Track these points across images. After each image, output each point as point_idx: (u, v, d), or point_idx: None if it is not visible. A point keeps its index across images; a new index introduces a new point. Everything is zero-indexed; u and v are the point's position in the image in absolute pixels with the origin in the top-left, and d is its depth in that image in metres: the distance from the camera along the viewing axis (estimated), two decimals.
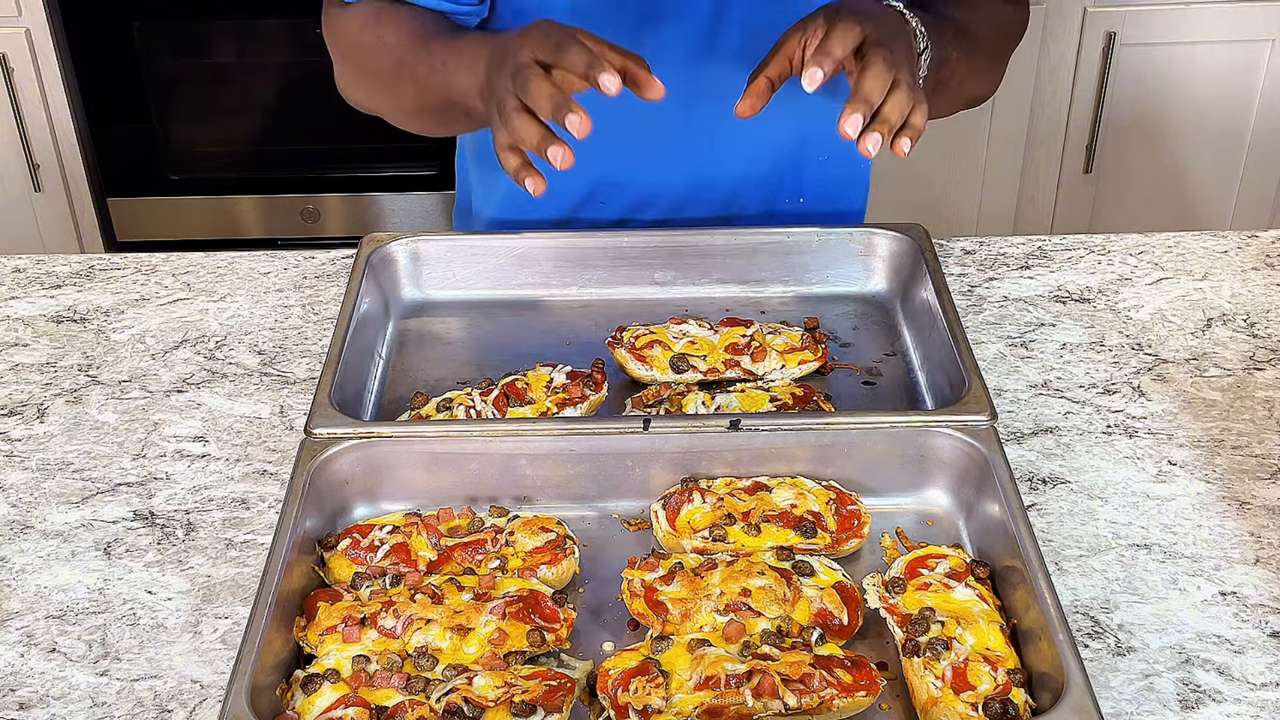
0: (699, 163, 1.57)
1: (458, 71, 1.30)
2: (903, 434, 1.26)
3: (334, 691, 1.05)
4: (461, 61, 1.29)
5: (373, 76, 1.45)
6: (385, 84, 1.44)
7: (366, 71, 1.46)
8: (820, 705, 1.03)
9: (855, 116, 1.12)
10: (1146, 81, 2.94)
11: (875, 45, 1.16)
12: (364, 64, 1.45)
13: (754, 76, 1.22)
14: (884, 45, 1.16)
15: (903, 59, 1.17)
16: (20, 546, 1.25)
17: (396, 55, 1.39)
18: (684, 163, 1.57)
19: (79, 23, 2.89)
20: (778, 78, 1.21)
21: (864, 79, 1.13)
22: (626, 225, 1.62)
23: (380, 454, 1.25)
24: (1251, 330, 1.51)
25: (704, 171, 1.58)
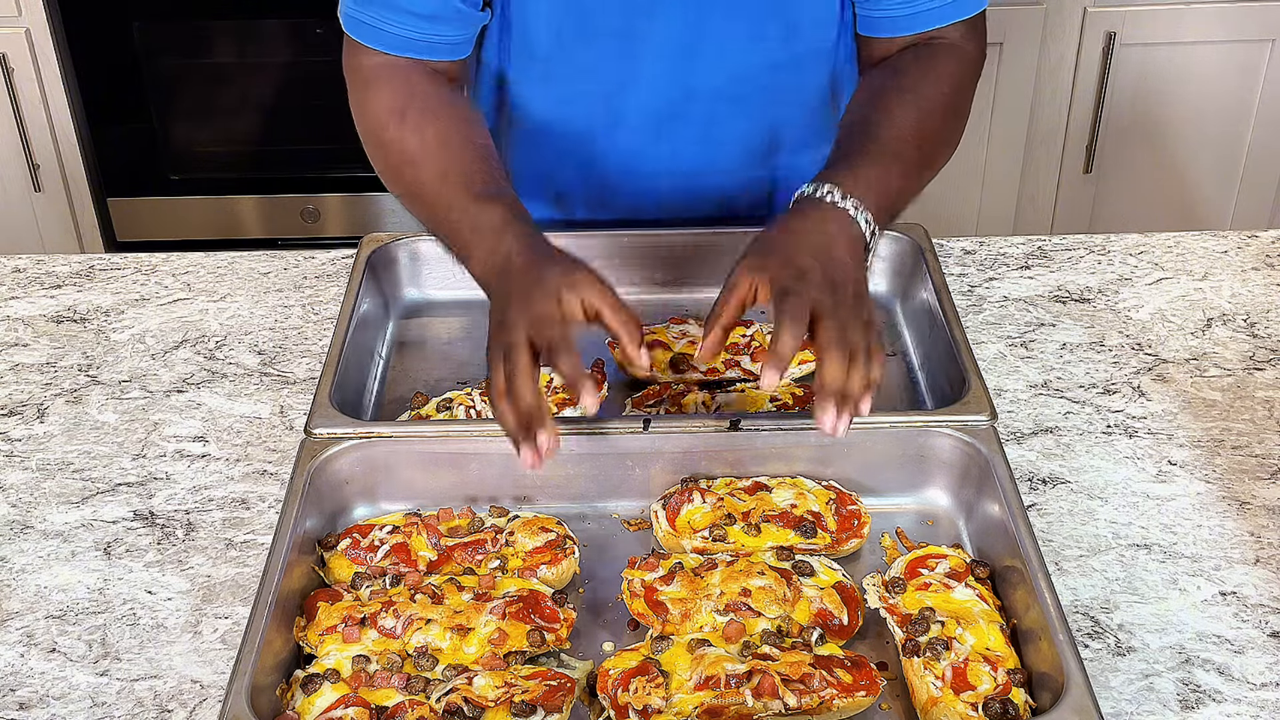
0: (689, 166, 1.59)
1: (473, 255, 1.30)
2: (903, 434, 1.26)
3: (334, 691, 1.05)
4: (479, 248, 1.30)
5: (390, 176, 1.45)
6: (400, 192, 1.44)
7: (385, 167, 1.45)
8: (820, 705, 1.03)
9: (829, 415, 1.16)
10: (1146, 81, 2.94)
11: (825, 322, 1.18)
12: (382, 157, 1.45)
13: (709, 324, 1.24)
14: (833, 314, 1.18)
15: (852, 309, 1.19)
16: (20, 546, 1.25)
17: (417, 177, 1.39)
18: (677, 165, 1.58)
19: (79, 23, 2.88)
20: (731, 324, 1.24)
21: (825, 373, 1.16)
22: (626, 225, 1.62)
23: (380, 454, 1.25)
24: (1251, 330, 1.51)
25: (694, 174, 1.59)
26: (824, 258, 1.22)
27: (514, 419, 1.16)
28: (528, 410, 1.15)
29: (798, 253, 1.22)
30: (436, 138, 1.39)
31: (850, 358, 1.17)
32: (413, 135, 1.40)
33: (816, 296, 1.18)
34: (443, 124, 1.41)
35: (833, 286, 1.20)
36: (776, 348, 1.16)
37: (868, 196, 1.28)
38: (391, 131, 1.42)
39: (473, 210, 1.31)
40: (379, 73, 1.45)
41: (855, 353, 1.17)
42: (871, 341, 1.19)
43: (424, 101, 1.42)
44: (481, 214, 1.31)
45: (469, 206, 1.32)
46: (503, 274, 1.25)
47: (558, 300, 1.20)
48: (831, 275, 1.21)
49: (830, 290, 1.19)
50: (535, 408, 1.15)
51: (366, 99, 1.45)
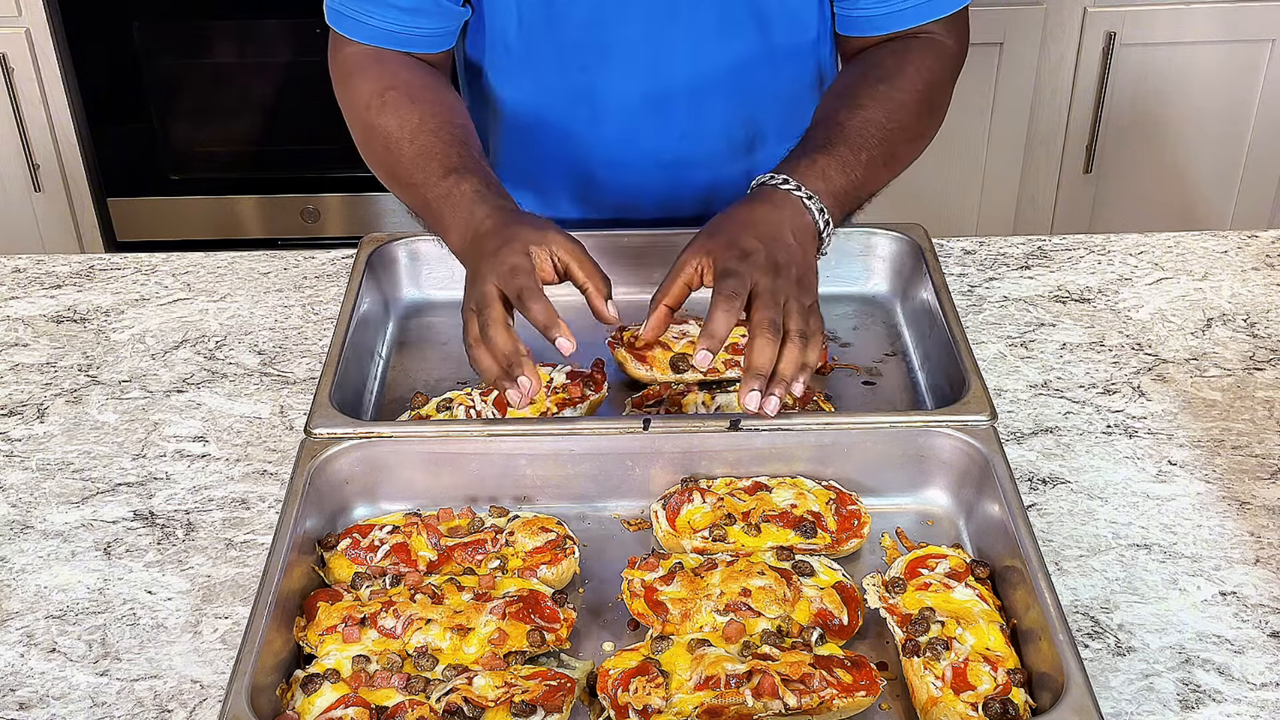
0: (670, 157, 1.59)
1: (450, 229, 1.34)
2: (903, 434, 1.26)
3: (334, 691, 1.05)
4: (454, 220, 1.33)
5: (373, 163, 1.49)
6: (383, 178, 1.48)
7: (369, 153, 1.49)
8: (820, 705, 1.03)
9: (753, 394, 1.18)
10: (1146, 81, 2.94)
11: (762, 302, 1.20)
12: (367, 145, 1.48)
13: (654, 302, 1.28)
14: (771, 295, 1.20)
15: (793, 294, 1.21)
16: (20, 546, 1.25)
17: (396, 160, 1.42)
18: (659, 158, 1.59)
19: (79, 23, 2.88)
20: (676, 304, 1.28)
21: (752, 353, 1.18)
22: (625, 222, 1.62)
23: (380, 454, 1.25)
24: (1251, 330, 1.51)
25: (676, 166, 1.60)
26: (770, 241, 1.24)
27: (494, 363, 1.20)
28: (506, 354, 1.20)
29: (743, 235, 1.25)
30: (415, 121, 1.42)
31: (785, 339, 1.19)
32: (392, 119, 1.43)
33: (757, 278, 1.21)
34: (421, 108, 1.43)
35: (775, 268, 1.22)
36: (710, 327, 1.19)
37: (822, 188, 1.31)
38: (373, 116, 1.44)
39: (447, 185, 1.35)
40: (360, 61, 1.48)
41: (789, 335, 1.19)
42: (809, 326, 1.21)
43: (404, 88, 1.45)
44: (455, 188, 1.34)
45: (443, 182, 1.35)
46: (475, 239, 1.29)
47: (526, 254, 1.24)
48: (775, 258, 1.23)
49: (772, 272, 1.21)
50: (513, 351, 1.20)
51: (349, 88, 1.49)
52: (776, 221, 1.27)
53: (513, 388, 1.19)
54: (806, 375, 1.21)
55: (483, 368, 1.21)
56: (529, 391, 1.19)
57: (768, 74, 1.55)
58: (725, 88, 1.54)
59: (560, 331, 1.20)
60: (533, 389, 1.19)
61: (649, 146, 1.58)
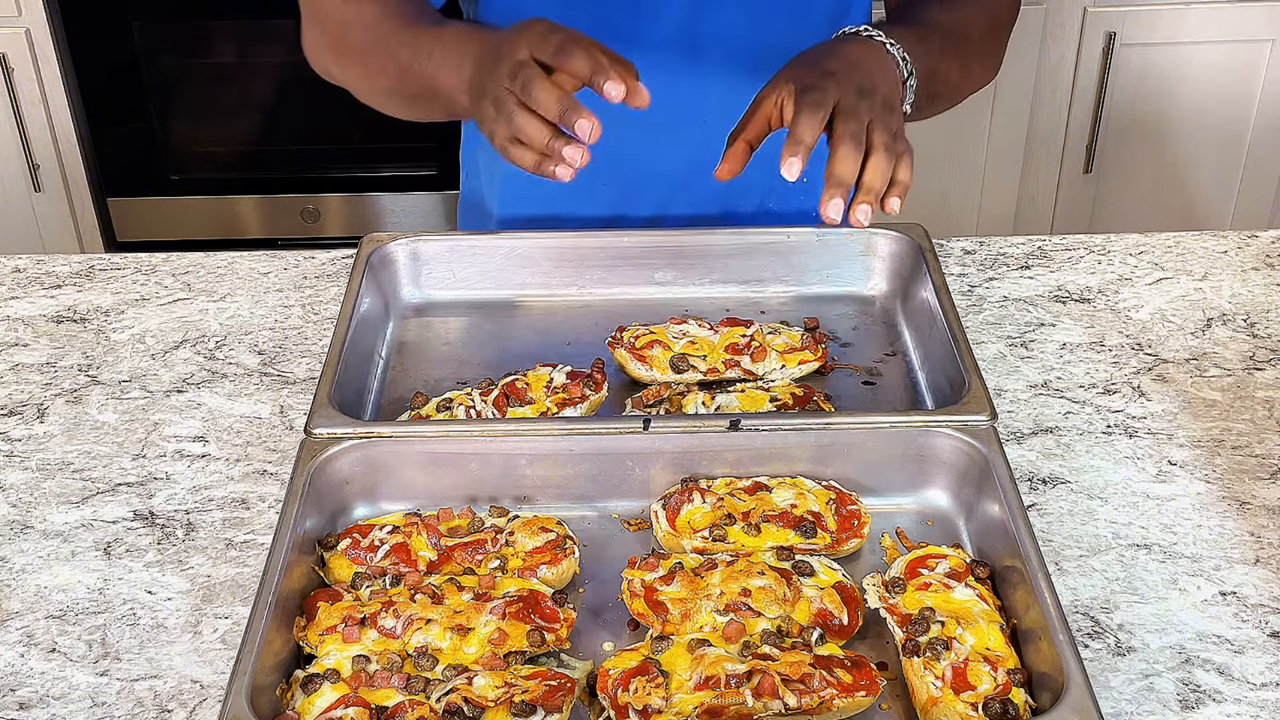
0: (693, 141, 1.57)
1: (443, 66, 1.28)
2: (903, 434, 1.26)
3: (334, 691, 1.05)
4: (448, 56, 1.28)
5: (349, 51, 1.43)
6: (361, 60, 1.42)
7: (343, 45, 1.43)
8: (820, 705, 1.03)
9: (835, 202, 1.11)
10: (1146, 81, 2.94)
11: (845, 115, 1.13)
12: (342, 37, 1.42)
13: (732, 138, 1.21)
14: (854, 111, 1.14)
15: (879, 114, 1.15)
16: (20, 546, 1.25)
17: (377, 34, 1.37)
18: (679, 140, 1.56)
19: (79, 23, 2.89)
20: (756, 139, 1.20)
21: (835, 161, 1.11)
22: (625, 221, 1.62)
23: (380, 454, 1.25)
24: (1251, 330, 1.52)
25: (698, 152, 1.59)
26: (854, 68, 1.19)
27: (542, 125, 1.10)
28: (557, 105, 1.09)
29: (828, 61, 1.19)
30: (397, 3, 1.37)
31: (869, 152, 1.11)
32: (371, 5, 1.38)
33: (840, 93, 1.14)
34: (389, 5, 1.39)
35: (859, 89, 1.16)
36: (795, 131, 1.11)
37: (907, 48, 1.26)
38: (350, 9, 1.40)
39: (437, 30, 1.30)
40: None
41: (874, 146, 1.12)
42: (897, 143, 1.14)
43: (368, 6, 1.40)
44: (447, 29, 1.30)
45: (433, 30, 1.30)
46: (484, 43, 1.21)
47: (548, 23, 1.16)
48: (859, 82, 1.17)
49: (855, 91, 1.15)
50: (562, 98, 1.09)
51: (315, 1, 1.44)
52: (863, 56, 1.22)
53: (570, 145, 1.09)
54: (901, 192, 1.13)
55: (529, 134, 1.10)
56: (589, 132, 1.08)
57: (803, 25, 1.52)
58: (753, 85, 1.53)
59: (609, 76, 1.09)
60: (596, 132, 1.09)
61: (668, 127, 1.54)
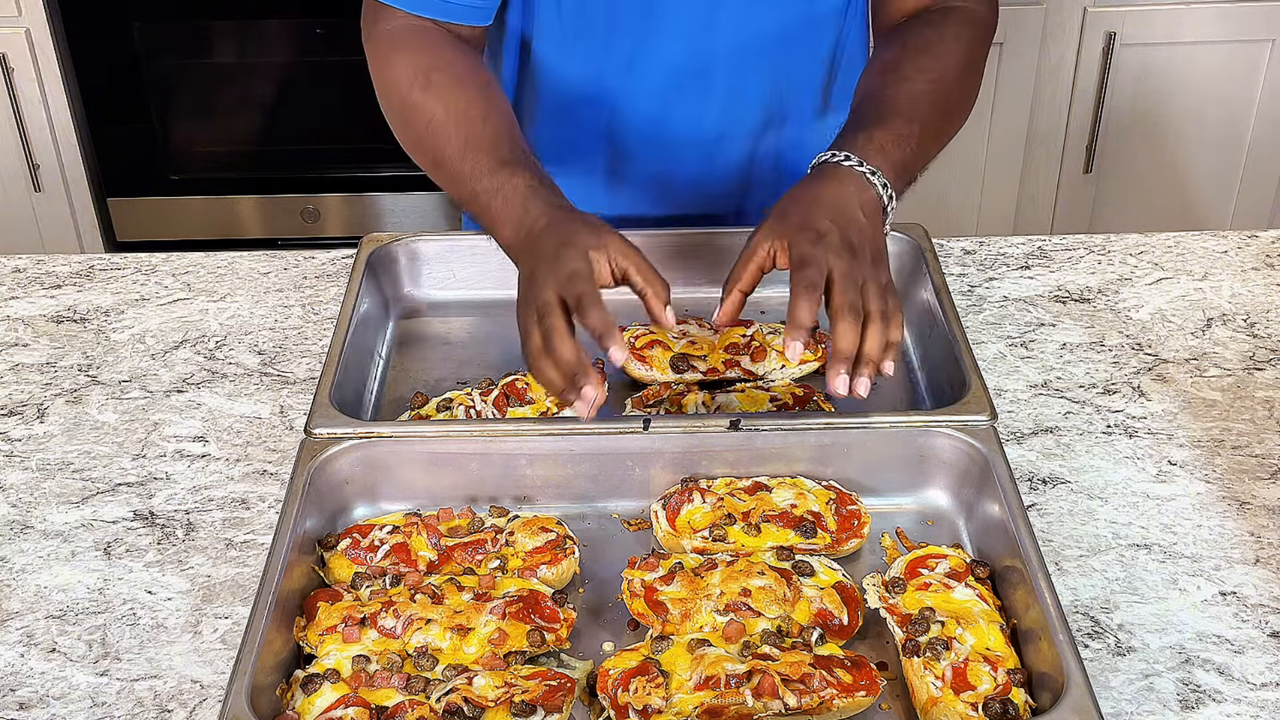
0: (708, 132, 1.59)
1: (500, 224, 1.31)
2: (903, 434, 1.26)
3: (334, 691, 1.05)
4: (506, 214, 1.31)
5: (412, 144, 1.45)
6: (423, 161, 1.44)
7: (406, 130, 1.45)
8: (820, 705, 1.03)
9: (841, 378, 1.18)
10: (1146, 81, 2.94)
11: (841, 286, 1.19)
12: (405, 123, 1.44)
13: (727, 288, 1.26)
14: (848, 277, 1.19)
15: (869, 272, 1.21)
16: (20, 546, 1.25)
17: (440, 145, 1.39)
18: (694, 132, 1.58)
19: (79, 23, 2.88)
20: (749, 288, 1.26)
21: (837, 338, 1.18)
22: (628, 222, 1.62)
23: (380, 454, 1.25)
24: (1251, 330, 1.51)
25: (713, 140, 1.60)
26: (842, 220, 1.23)
27: (558, 375, 1.18)
28: (570, 365, 1.17)
29: (815, 216, 1.23)
30: (461, 106, 1.39)
31: (866, 321, 1.18)
32: (436, 103, 1.39)
33: (833, 262, 1.20)
34: (467, 92, 1.40)
35: (851, 250, 1.21)
36: (794, 316, 1.17)
37: (883, 162, 1.30)
38: (416, 97, 1.41)
39: (499, 178, 1.32)
40: (401, 36, 1.44)
41: (871, 316, 1.19)
42: (889, 304, 1.20)
43: (448, 68, 1.42)
44: (507, 182, 1.31)
45: (495, 175, 1.32)
46: (530, 238, 1.26)
47: (585, 259, 1.22)
48: (849, 238, 1.22)
49: (848, 254, 1.21)
50: (577, 362, 1.17)
51: (389, 63, 1.44)
52: (845, 199, 1.26)
53: (578, 399, 1.17)
54: (894, 353, 1.20)
55: (546, 379, 1.19)
56: (594, 403, 1.17)
57: (804, 40, 1.54)
58: (764, 57, 1.53)
59: (614, 341, 1.18)
60: (598, 400, 1.18)
61: (686, 116, 1.56)
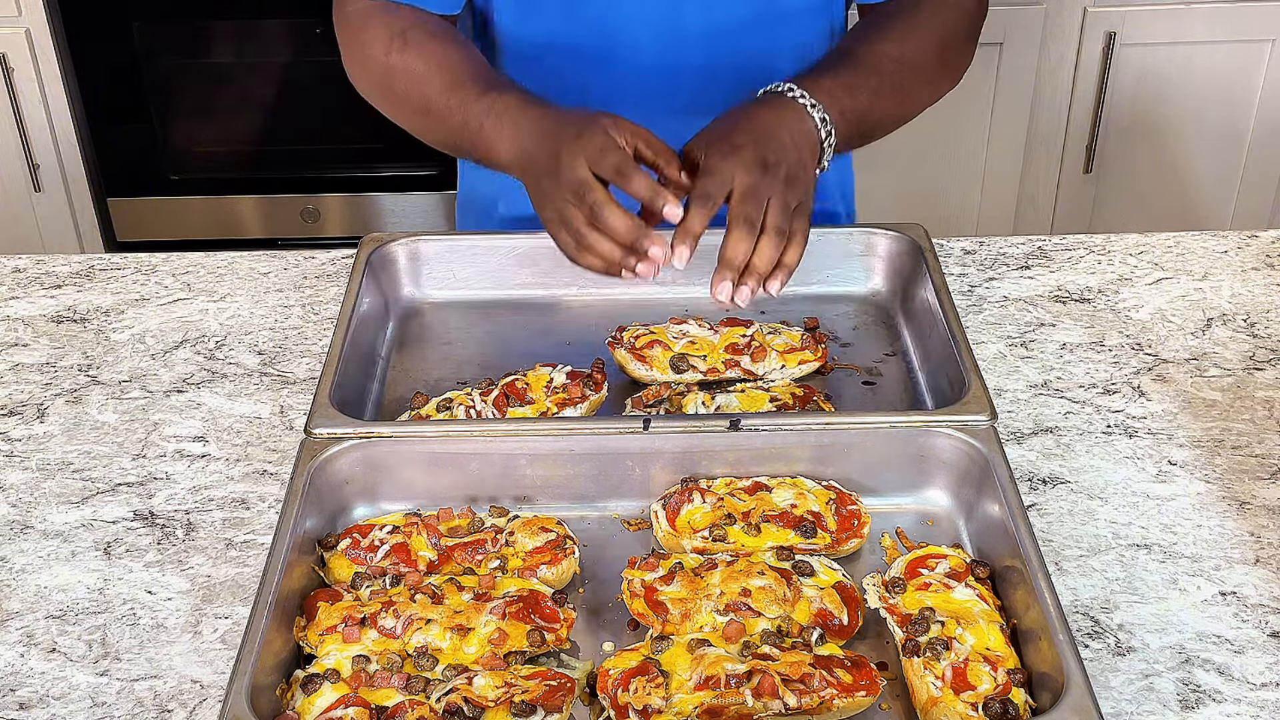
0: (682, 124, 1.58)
1: (496, 139, 1.32)
2: (903, 434, 1.26)
3: (334, 691, 1.05)
4: (501, 130, 1.31)
5: (394, 100, 1.46)
6: (410, 115, 1.45)
7: (389, 93, 1.46)
8: (820, 705, 1.03)
9: (724, 285, 1.20)
10: (1146, 81, 2.94)
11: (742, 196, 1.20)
12: (387, 85, 1.45)
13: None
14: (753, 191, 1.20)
15: (778, 190, 1.21)
16: (20, 546, 1.25)
17: (425, 92, 1.39)
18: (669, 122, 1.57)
19: (79, 23, 2.89)
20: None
21: (726, 244, 1.19)
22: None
23: (380, 454, 1.25)
24: (1251, 330, 1.52)
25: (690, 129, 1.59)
26: (763, 139, 1.24)
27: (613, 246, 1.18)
28: (627, 230, 1.17)
29: (736, 132, 1.25)
30: (439, 55, 1.40)
31: (760, 235, 1.19)
32: (416, 58, 1.41)
33: (740, 175, 1.20)
34: (443, 44, 1.42)
35: (762, 166, 1.22)
36: (686, 221, 1.19)
37: (829, 102, 1.31)
38: (394, 58, 1.42)
39: (488, 100, 1.33)
40: (371, 12, 1.46)
41: (766, 230, 1.19)
42: (794, 225, 1.21)
43: (422, 27, 1.43)
44: (497, 101, 1.32)
45: (483, 98, 1.33)
46: (539, 137, 1.26)
47: (607, 133, 1.22)
48: (763, 155, 1.23)
49: (758, 169, 1.21)
50: (634, 225, 1.17)
51: (361, 36, 1.46)
52: (774, 123, 1.27)
53: (643, 262, 1.16)
54: (784, 275, 1.21)
55: (602, 252, 1.18)
56: (661, 259, 1.16)
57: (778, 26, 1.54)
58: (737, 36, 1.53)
59: (667, 198, 1.17)
60: (666, 254, 1.17)
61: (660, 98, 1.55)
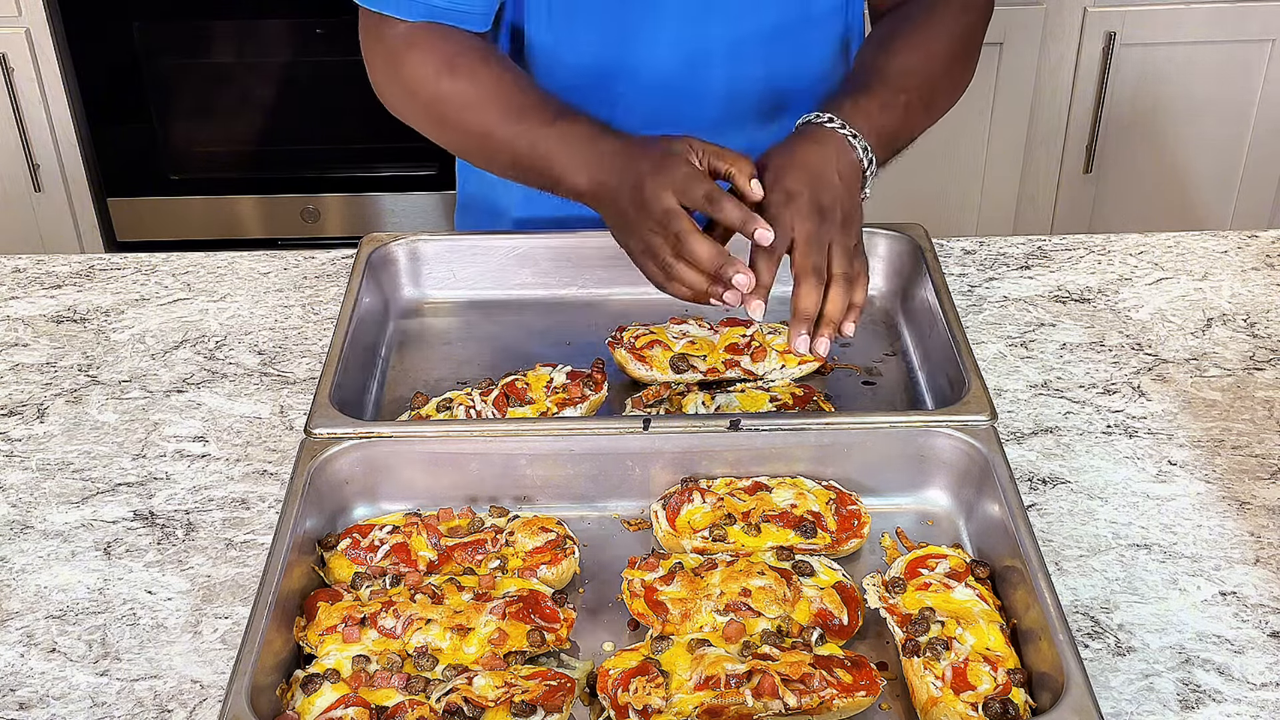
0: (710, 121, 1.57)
1: (568, 168, 1.32)
2: (903, 434, 1.26)
3: (334, 691, 1.05)
4: (573, 158, 1.32)
5: (450, 129, 1.44)
6: (459, 138, 1.44)
7: (443, 122, 1.44)
8: (820, 705, 1.03)
9: (802, 338, 1.24)
10: (1146, 81, 2.94)
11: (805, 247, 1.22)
12: (440, 114, 1.44)
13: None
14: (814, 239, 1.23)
15: (838, 235, 1.24)
16: (20, 546, 1.25)
17: (480, 117, 1.38)
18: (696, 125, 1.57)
19: (79, 23, 2.88)
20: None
21: (799, 297, 1.22)
22: None
23: (380, 454, 1.25)
24: (1251, 330, 1.51)
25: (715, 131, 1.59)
26: (815, 182, 1.26)
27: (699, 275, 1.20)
28: (713, 259, 1.19)
29: (788, 177, 1.26)
30: (493, 80, 1.39)
31: (830, 283, 1.22)
32: (467, 83, 1.40)
33: (799, 224, 1.22)
34: (495, 68, 1.41)
35: (820, 212, 1.24)
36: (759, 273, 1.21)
37: (866, 126, 1.32)
38: (444, 84, 1.41)
39: (559, 128, 1.33)
40: (412, 37, 1.43)
41: (834, 278, 1.22)
42: (853, 267, 1.23)
43: (469, 53, 1.42)
44: (570, 130, 1.33)
45: (555, 124, 1.33)
46: (621, 165, 1.27)
47: (689, 162, 1.23)
48: (819, 199, 1.24)
49: (816, 216, 1.23)
50: (720, 253, 1.19)
51: (405, 62, 1.44)
52: (823, 161, 1.28)
53: (729, 290, 1.18)
54: (856, 315, 1.24)
55: (689, 282, 1.20)
56: (746, 286, 1.18)
57: (802, 36, 1.55)
58: (762, 49, 1.53)
59: (759, 224, 1.19)
60: (751, 282, 1.19)
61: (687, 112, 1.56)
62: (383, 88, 1.48)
